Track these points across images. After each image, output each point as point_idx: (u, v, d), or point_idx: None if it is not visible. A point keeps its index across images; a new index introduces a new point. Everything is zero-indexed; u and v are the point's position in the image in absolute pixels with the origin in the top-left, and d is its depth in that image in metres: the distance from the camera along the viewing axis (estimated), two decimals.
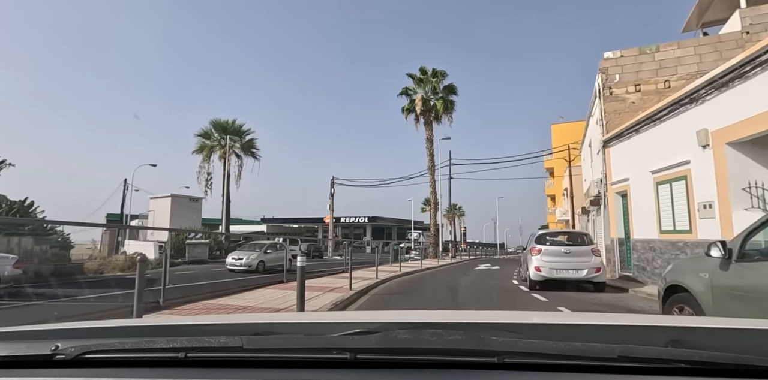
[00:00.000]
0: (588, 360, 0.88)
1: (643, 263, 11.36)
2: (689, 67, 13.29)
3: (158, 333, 1.25)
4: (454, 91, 30.75)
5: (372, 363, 0.92)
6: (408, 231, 58.13)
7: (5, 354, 1.02)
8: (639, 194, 11.60)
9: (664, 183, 10.35)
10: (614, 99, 14.10)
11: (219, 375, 0.92)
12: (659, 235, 10.57)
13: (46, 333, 1.23)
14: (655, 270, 10.69)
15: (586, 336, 1.05)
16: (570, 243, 10.79)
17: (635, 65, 14.01)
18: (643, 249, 11.37)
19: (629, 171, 12.20)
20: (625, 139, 12.52)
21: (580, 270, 9.81)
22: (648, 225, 11.01)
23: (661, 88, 13.52)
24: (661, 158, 10.44)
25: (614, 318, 1.52)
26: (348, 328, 1.09)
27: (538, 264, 10.06)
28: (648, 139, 11.22)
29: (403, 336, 0.99)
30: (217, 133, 31.05)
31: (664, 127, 10.45)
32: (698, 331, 1.17)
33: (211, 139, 31.24)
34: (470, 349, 0.93)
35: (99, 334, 1.27)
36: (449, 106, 30.55)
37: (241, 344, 0.95)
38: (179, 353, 0.96)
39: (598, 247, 11.10)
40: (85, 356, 0.98)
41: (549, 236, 11.25)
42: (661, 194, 10.53)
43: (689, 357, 0.86)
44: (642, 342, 0.93)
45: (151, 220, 40.79)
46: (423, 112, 29.99)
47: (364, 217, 60.69)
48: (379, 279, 12.72)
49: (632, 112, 13.63)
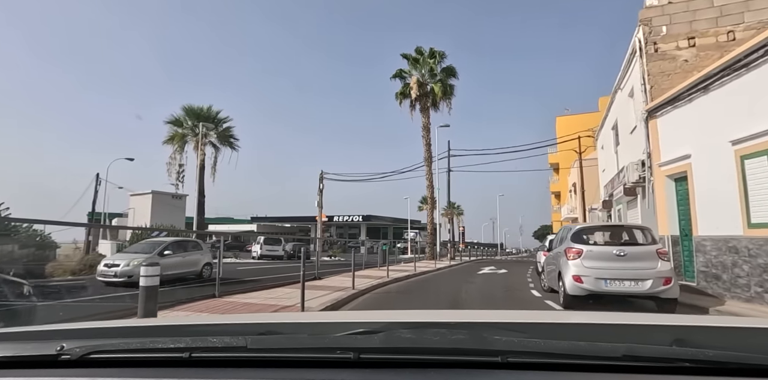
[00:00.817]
0: (592, 360, 0.87)
1: (716, 269, 8.23)
2: (761, 13, 10.20)
3: (162, 333, 1.27)
4: (453, 74, 27.60)
5: (375, 363, 0.93)
6: (405, 230, 55.70)
7: (12, 354, 1.03)
8: (709, 175, 8.49)
9: (756, 156, 7.25)
10: (661, 57, 10.98)
11: (223, 375, 0.92)
12: (746, 231, 7.46)
13: (51, 334, 1.26)
14: (739, 280, 7.59)
15: (590, 336, 1.05)
16: (624, 241, 7.74)
17: (687, 13, 10.89)
18: (716, 251, 8.24)
19: (691, 145, 9.09)
20: (684, 103, 9.39)
21: (641, 282, 6.66)
22: (725, 218, 7.90)
23: (723, 42, 10.41)
24: (748, 122, 7.34)
25: (618, 317, 1.53)
26: (351, 328, 1.10)
27: (578, 272, 6.96)
28: (725, 98, 8.10)
29: (407, 335, 0.99)
30: (191, 121, 27.77)
31: (755, 77, 7.35)
32: (703, 330, 1.17)
33: (183, 126, 27.99)
34: (474, 349, 0.93)
35: (104, 334, 1.28)
36: (448, 90, 27.39)
37: (245, 344, 0.95)
38: (183, 353, 0.96)
39: (664, 247, 7.93)
40: (90, 356, 0.98)
41: (590, 232, 8.23)
42: (749, 172, 7.42)
43: (694, 356, 0.85)
44: (646, 342, 0.94)
45: (131, 219, 39.03)
46: (419, 97, 26.83)
47: (359, 216, 57.84)
48: (356, 289, 9.63)
49: (685, 72, 10.53)
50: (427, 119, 27.28)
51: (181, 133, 27.76)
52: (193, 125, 27.58)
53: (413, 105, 27.62)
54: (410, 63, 27.54)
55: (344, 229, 62.72)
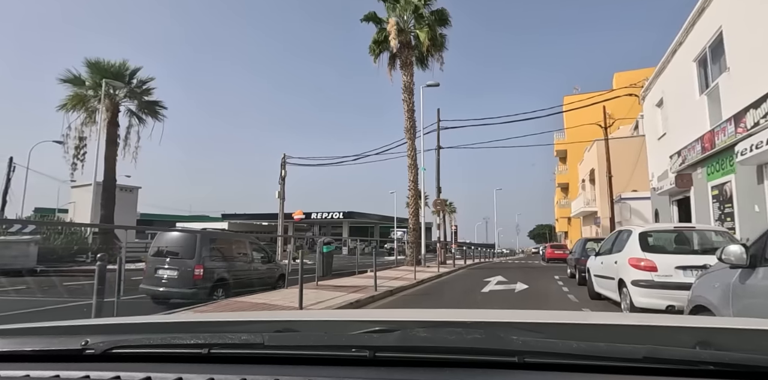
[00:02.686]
0: (612, 361, 0.85)
1: None
2: None
3: (182, 330, 1.29)
4: (445, 20, 20.81)
5: (391, 362, 0.92)
6: (392, 229, 49.19)
7: (40, 348, 1.06)
8: None
9: None
10: None
11: (241, 371, 0.91)
12: None
13: (76, 329, 1.34)
14: None
15: (609, 337, 1.04)
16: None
17: None
18: None
19: None
20: None
21: None
22: None
23: None
24: None
25: (639, 318, 1.54)
26: (367, 326, 1.10)
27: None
28: None
29: (422, 334, 1.00)
30: (95, 78, 20.65)
31: None
32: (728, 332, 1.13)
33: (86, 86, 20.92)
34: (490, 348, 0.91)
35: (126, 330, 1.34)
36: (439, 39, 20.60)
37: (262, 341, 0.96)
38: (203, 349, 0.97)
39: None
40: (113, 351, 1.01)
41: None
42: None
43: (719, 359, 0.82)
44: (668, 343, 0.92)
45: (71, 214, 32.71)
46: (400, 50, 20.05)
47: (339, 213, 50.80)
48: None
49: None
50: (410, 78, 20.37)
51: (81, 95, 20.66)
52: (96, 84, 20.49)
53: (392, 61, 20.85)
54: (388, 4, 20.69)
55: (327, 229, 55.93)
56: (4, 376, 0.95)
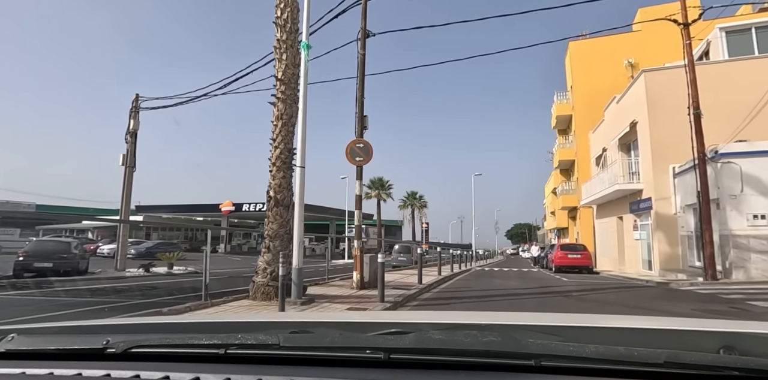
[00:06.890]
0: (631, 366, 0.83)
1: None
2: None
3: (200, 330, 1.32)
4: None
5: (406, 363, 0.92)
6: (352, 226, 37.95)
7: (63, 347, 1.09)
8: None
9: None
10: None
11: (257, 371, 0.93)
12: None
13: (98, 328, 1.40)
14: None
15: (628, 340, 1.02)
16: None
17: None
18: None
19: None
20: None
21: None
22: None
23: None
24: None
25: (660, 321, 1.46)
26: (382, 328, 1.10)
27: None
28: None
29: (437, 336, 0.99)
30: None
31: None
32: (753, 337, 1.08)
33: None
34: (506, 351, 0.90)
35: (146, 330, 1.36)
36: None
37: (278, 341, 0.97)
38: (220, 349, 0.99)
39: None
40: (133, 350, 1.03)
41: None
42: None
43: (744, 365, 0.80)
44: (690, 347, 0.89)
45: None
46: None
47: None
48: None
49: None
50: None
51: None
52: None
53: None
54: None
55: None
56: (30, 374, 0.98)
